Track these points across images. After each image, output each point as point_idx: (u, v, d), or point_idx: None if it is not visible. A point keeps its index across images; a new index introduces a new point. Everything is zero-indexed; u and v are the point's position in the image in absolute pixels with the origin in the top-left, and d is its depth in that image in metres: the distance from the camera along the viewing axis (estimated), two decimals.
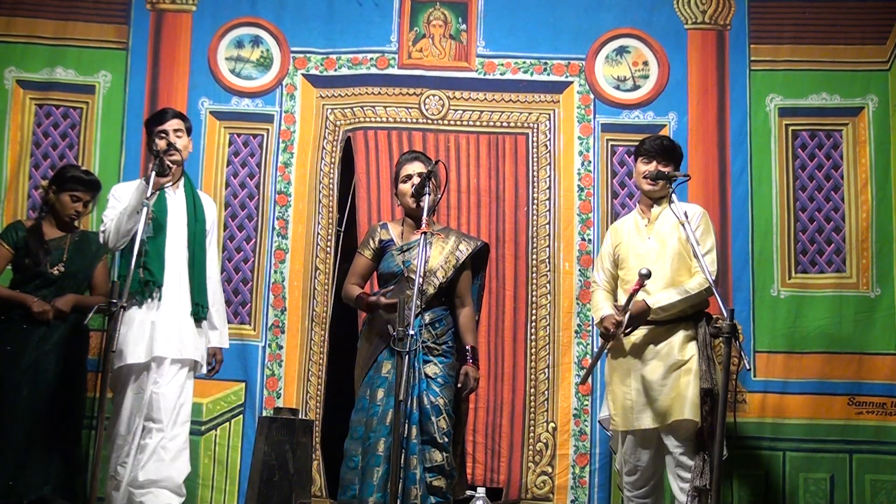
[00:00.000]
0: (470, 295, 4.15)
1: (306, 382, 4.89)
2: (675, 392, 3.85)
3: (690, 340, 3.90)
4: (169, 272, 4.01)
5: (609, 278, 4.16)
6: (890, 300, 4.85)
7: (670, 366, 3.88)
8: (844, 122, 5.01)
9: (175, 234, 4.07)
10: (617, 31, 5.13)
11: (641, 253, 4.03)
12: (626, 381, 3.98)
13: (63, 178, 4.41)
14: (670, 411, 3.85)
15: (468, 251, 4.10)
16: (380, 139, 5.08)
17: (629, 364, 3.97)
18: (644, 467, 3.98)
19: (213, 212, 4.32)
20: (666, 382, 3.87)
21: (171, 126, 4.10)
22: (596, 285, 4.22)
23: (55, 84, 5.05)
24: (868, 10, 5.07)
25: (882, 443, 4.76)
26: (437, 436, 3.87)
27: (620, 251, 4.12)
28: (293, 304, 4.92)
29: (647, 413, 3.90)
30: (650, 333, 3.94)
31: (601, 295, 4.16)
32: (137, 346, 3.92)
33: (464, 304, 4.11)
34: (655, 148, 4.06)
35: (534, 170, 5.05)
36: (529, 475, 4.83)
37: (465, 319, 4.10)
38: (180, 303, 4.05)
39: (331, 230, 5.04)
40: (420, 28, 5.16)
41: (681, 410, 3.82)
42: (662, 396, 3.87)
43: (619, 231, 4.19)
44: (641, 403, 3.91)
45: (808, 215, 4.96)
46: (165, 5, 5.13)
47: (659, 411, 3.87)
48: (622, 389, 3.99)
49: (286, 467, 4.31)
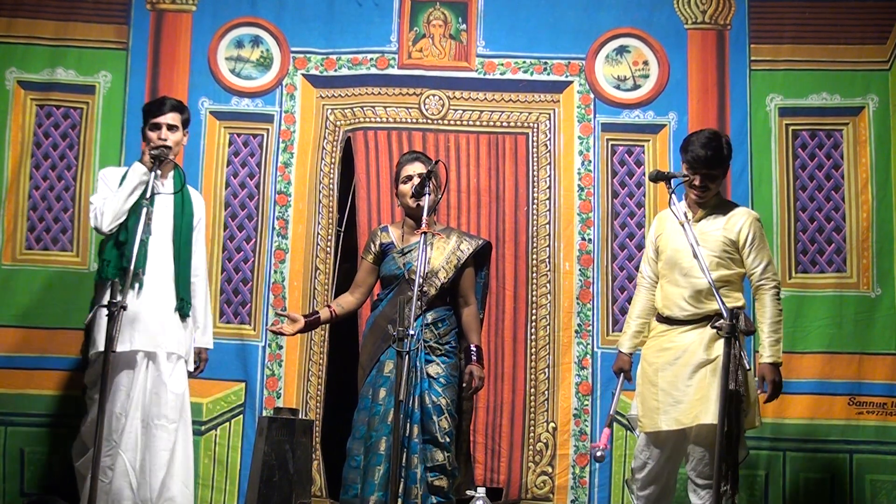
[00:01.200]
0: (473, 294, 4.14)
1: (306, 382, 4.90)
2: (700, 394, 3.76)
3: (717, 339, 3.73)
4: (152, 264, 3.97)
5: (653, 272, 4.04)
6: (890, 300, 4.84)
7: (696, 365, 3.79)
8: (845, 122, 5.01)
9: (160, 227, 4.02)
10: (617, 31, 5.13)
11: (678, 247, 3.90)
12: (653, 381, 3.89)
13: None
14: (695, 414, 3.75)
15: (469, 250, 4.10)
16: (380, 139, 5.08)
17: (657, 364, 3.89)
18: (653, 465, 3.92)
19: (201, 208, 4.29)
20: (691, 383, 3.78)
21: (165, 120, 4.07)
22: (641, 279, 4.11)
23: (56, 84, 5.05)
24: (868, 10, 5.06)
25: (882, 443, 4.76)
26: (438, 435, 3.87)
27: (660, 242, 4.01)
28: (293, 304, 4.92)
29: (672, 415, 3.81)
30: (680, 334, 3.86)
31: (641, 298, 4.05)
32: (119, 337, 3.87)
33: (467, 303, 4.11)
34: (699, 161, 3.85)
35: (534, 170, 5.05)
36: (529, 475, 4.83)
37: (468, 319, 4.10)
38: (164, 296, 4.02)
39: (331, 230, 5.04)
40: (420, 28, 5.16)
41: (706, 414, 3.71)
42: (688, 397, 3.78)
43: (664, 220, 4.06)
44: (667, 404, 3.83)
45: (809, 215, 4.96)
46: (165, 5, 5.14)
47: (683, 413, 3.78)
48: (650, 390, 3.90)
49: (286, 467, 4.32)
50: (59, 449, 4.74)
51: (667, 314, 3.93)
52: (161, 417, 3.95)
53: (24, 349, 4.83)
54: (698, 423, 3.75)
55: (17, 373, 4.81)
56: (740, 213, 3.95)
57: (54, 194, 4.98)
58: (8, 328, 4.86)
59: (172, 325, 4.04)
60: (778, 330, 3.86)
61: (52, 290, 4.87)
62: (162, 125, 4.06)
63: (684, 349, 3.84)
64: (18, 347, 4.83)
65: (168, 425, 3.96)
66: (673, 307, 3.89)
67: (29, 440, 4.80)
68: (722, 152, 3.90)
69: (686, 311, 3.86)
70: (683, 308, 3.87)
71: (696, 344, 3.83)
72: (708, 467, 3.76)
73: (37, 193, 4.98)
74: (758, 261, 3.88)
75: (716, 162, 3.87)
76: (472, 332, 4.08)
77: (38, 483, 4.78)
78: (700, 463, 3.80)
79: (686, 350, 3.84)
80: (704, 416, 3.73)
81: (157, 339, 3.97)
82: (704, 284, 3.76)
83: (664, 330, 3.94)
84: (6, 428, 4.79)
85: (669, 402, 3.83)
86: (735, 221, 3.90)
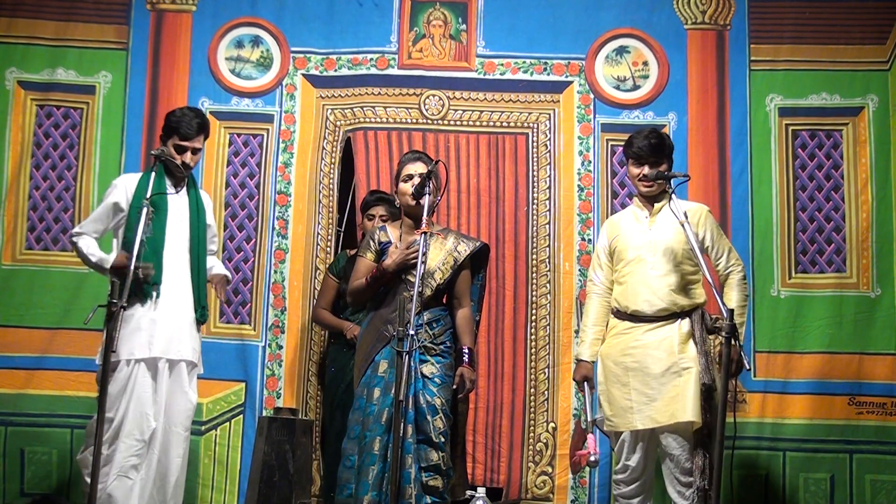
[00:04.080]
0: (468, 296, 4.13)
1: (306, 382, 4.90)
2: (675, 391, 3.79)
3: (689, 337, 3.84)
4: (169, 272, 3.99)
5: (606, 278, 4.05)
6: (890, 300, 4.85)
7: (670, 364, 3.82)
8: (844, 122, 5.01)
9: (177, 234, 4.04)
10: (617, 31, 5.13)
11: (640, 245, 3.93)
12: (623, 380, 3.90)
13: (369, 203, 4.63)
14: (671, 412, 3.78)
15: (467, 252, 4.09)
16: (380, 139, 5.09)
17: (626, 364, 3.89)
18: (634, 466, 3.92)
19: (210, 207, 4.30)
20: (665, 381, 3.81)
21: (193, 144, 4.03)
22: (592, 286, 4.09)
23: (56, 85, 5.06)
24: (868, 10, 5.07)
25: (882, 443, 4.76)
26: (433, 435, 3.86)
27: (618, 244, 4.01)
28: (293, 304, 4.93)
29: (646, 413, 3.83)
30: (647, 331, 3.87)
31: (595, 305, 4.05)
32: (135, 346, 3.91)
33: (461, 304, 4.09)
34: (644, 149, 3.91)
35: (534, 170, 5.05)
36: (529, 475, 4.83)
37: (461, 321, 4.07)
38: (181, 303, 4.03)
39: (331, 230, 5.04)
40: (420, 28, 5.16)
41: (683, 412, 3.75)
42: (662, 395, 3.80)
43: (617, 224, 4.08)
44: (641, 403, 3.85)
45: (809, 215, 4.96)
46: (165, 5, 5.14)
47: (658, 411, 3.81)
48: (620, 390, 3.91)
49: (286, 467, 4.32)
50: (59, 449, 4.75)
51: (633, 311, 3.91)
52: (177, 425, 3.99)
53: (24, 349, 4.83)
54: (675, 420, 3.76)
55: (17, 373, 4.81)
56: (694, 209, 3.98)
57: (54, 194, 4.99)
58: (8, 328, 4.86)
59: (191, 333, 4.06)
60: (742, 314, 3.92)
61: (52, 290, 4.88)
62: (188, 148, 4.03)
63: (654, 346, 3.85)
64: (18, 347, 4.83)
65: (182, 433, 4.00)
66: (641, 304, 3.89)
67: (29, 440, 4.79)
68: (664, 141, 3.97)
69: (656, 307, 3.86)
70: (653, 304, 3.87)
71: (667, 341, 3.84)
72: (688, 462, 3.79)
73: (37, 193, 4.99)
74: (721, 251, 3.93)
75: (660, 149, 3.92)
76: (466, 334, 4.06)
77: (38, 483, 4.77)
78: (680, 459, 3.81)
79: (656, 347, 3.84)
80: (682, 414, 3.75)
81: (177, 347, 3.99)
82: (672, 280, 3.84)
83: (628, 328, 3.92)
84: (6, 428, 4.79)
85: (643, 400, 3.84)
86: (692, 217, 3.88)
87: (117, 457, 3.84)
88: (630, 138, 4.01)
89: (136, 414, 3.88)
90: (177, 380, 3.99)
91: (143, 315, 3.92)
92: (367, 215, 4.63)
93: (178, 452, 3.99)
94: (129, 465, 3.87)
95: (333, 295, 4.66)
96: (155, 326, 3.93)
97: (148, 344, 3.91)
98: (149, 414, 3.90)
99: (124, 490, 3.85)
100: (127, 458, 3.86)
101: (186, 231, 4.08)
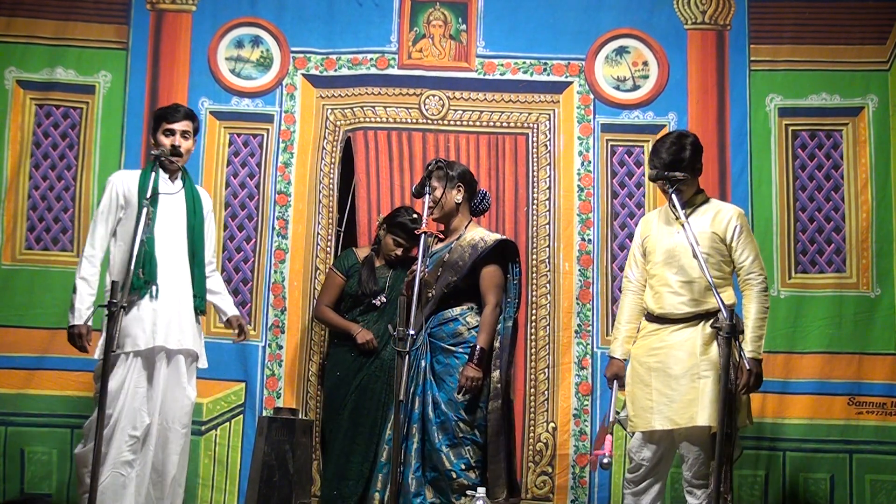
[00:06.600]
0: (492, 294, 4.11)
1: (306, 382, 4.90)
2: (692, 394, 3.74)
3: (712, 339, 3.76)
4: (165, 267, 3.98)
5: (641, 275, 4.01)
6: (890, 300, 4.85)
7: (690, 366, 3.78)
8: (844, 122, 5.01)
9: (172, 229, 4.03)
10: (617, 32, 5.13)
11: (669, 246, 3.90)
12: (646, 381, 3.87)
13: (392, 222, 4.64)
14: (690, 415, 3.74)
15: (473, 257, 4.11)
16: (380, 139, 5.09)
17: (650, 364, 3.87)
18: (647, 466, 3.91)
19: (208, 202, 4.29)
20: (684, 382, 3.77)
21: (180, 127, 4.06)
22: (627, 283, 4.06)
23: (55, 84, 5.05)
24: (868, 10, 5.07)
25: (882, 443, 4.77)
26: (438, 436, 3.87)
27: (648, 244, 3.99)
28: (293, 304, 4.93)
29: (665, 414, 3.80)
30: (673, 332, 3.85)
31: (629, 302, 4.02)
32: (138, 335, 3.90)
33: (485, 302, 4.12)
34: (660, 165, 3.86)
35: (534, 170, 5.06)
36: (529, 475, 4.83)
37: (481, 319, 4.10)
38: (181, 295, 4.03)
39: (331, 230, 5.04)
40: (420, 28, 5.16)
41: (699, 415, 3.71)
42: (681, 397, 3.76)
43: (650, 223, 4.05)
44: (661, 404, 3.81)
45: (808, 215, 4.96)
46: (165, 5, 5.13)
47: (677, 412, 3.77)
48: (643, 390, 3.88)
49: (286, 467, 4.32)
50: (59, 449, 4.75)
51: (660, 313, 3.90)
52: (176, 422, 3.98)
53: (24, 349, 4.83)
54: (693, 424, 3.74)
55: (17, 373, 4.81)
56: (727, 209, 3.95)
57: (54, 194, 4.98)
58: (8, 328, 4.86)
59: (190, 324, 4.05)
60: (762, 326, 3.84)
61: (52, 290, 4.87)
62: (176, 131, 4.05)
63: (677, 347, 3.82)
64: (18, 347, 4.83)
65: (181, 430, 4.00)
66: (667, 306, 3.87)
67: (29, 440, 4.79)
68: (682, 153, 3.87)
69: (682, 310, 3.84)
70: (678, 307, 3.85)
71: (689, 343, 3.81)
72: (704, 467, 3.76)
73: (36, 193, 4.98)
74: (745, 254, 3.87)
75: (677, 164, 3.85)
76: (481, 332, 4.08)
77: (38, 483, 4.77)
78: (696, 463, 3.79)
79: (679, 348, 3.82)
80: (699, 417, 3.72)
81: (177, 337, 3.99)
82: (701, 283, 3.78)
83: (655, 329, 3.92)
84: (6, 428, 4.79)
85: (663, 401, 3.82)
86: (722, 217, 3.89)
87: (111, 452, 3.84)
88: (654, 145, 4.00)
89: (129, 409, 3.88)
90: (174, 374, 3.98)
91: (145, 306, 3.92)
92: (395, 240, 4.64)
93: (176, 450, 3.98)
94: (123, 460, 3.87)
95: (337, 293, 4.66)
96: (156, 315, 3.93)
97: (151, 332, 3.91)
98: (142, 409, 3.90)
99: (116, 487, 3.85)
100: (120, 453, 3.86)
101: (183, 223, 4.08)
